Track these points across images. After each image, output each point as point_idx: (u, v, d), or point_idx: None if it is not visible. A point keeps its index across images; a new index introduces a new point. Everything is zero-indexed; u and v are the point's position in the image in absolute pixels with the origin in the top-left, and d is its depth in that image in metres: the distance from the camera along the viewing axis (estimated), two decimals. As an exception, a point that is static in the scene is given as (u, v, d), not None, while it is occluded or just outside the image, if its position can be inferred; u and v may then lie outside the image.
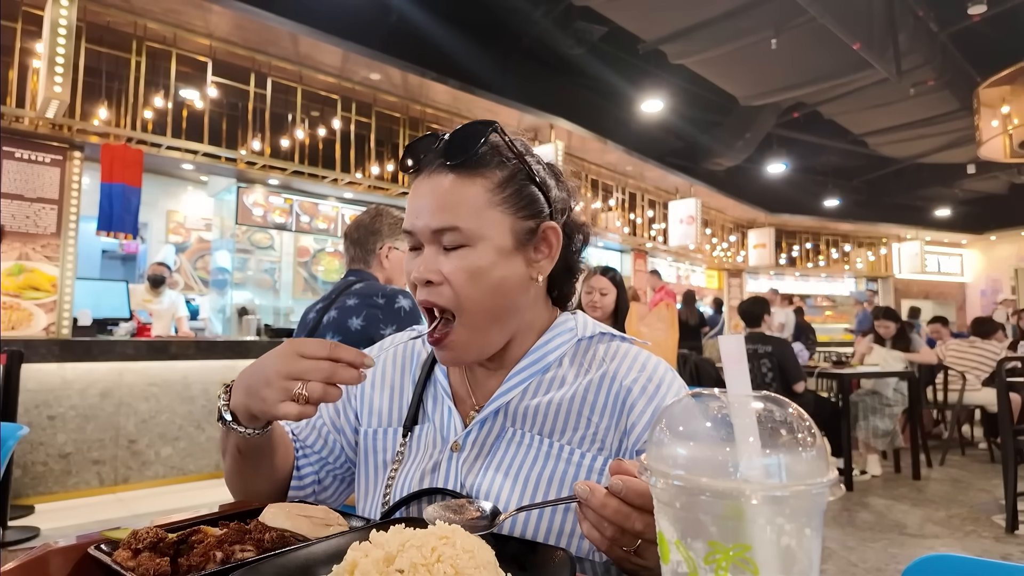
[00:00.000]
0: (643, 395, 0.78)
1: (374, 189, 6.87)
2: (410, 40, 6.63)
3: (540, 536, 0.73)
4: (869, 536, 3.38)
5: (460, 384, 0.85)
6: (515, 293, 0.77)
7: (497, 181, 0.76)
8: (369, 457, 0.88)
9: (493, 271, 0.74)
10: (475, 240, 0.74)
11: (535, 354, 0.81)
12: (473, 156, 0.74)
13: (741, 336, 0.42)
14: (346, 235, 2.08)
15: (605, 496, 0.57)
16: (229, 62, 5.72)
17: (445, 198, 0.74)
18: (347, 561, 0.52)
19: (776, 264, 12.83)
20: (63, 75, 4.31)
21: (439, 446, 0.81)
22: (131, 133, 5.16)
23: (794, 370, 4.28)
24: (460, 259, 0.74)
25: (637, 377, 0.79)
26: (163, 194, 6.67)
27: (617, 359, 0.81)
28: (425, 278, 0.74)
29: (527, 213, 0.78)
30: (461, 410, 0.82)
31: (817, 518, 0.37)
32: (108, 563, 0.59)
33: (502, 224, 0.75)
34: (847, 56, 7.04)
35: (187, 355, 4.11)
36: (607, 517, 0.57)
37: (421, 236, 0.76)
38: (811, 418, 0.39)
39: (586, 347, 0.84)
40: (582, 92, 9.29)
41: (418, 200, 0.77)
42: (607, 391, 0.79)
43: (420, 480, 0.80)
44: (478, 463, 0.78)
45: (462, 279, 0.73)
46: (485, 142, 0.75)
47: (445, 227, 0.74)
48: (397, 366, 0.92)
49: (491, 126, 0.76)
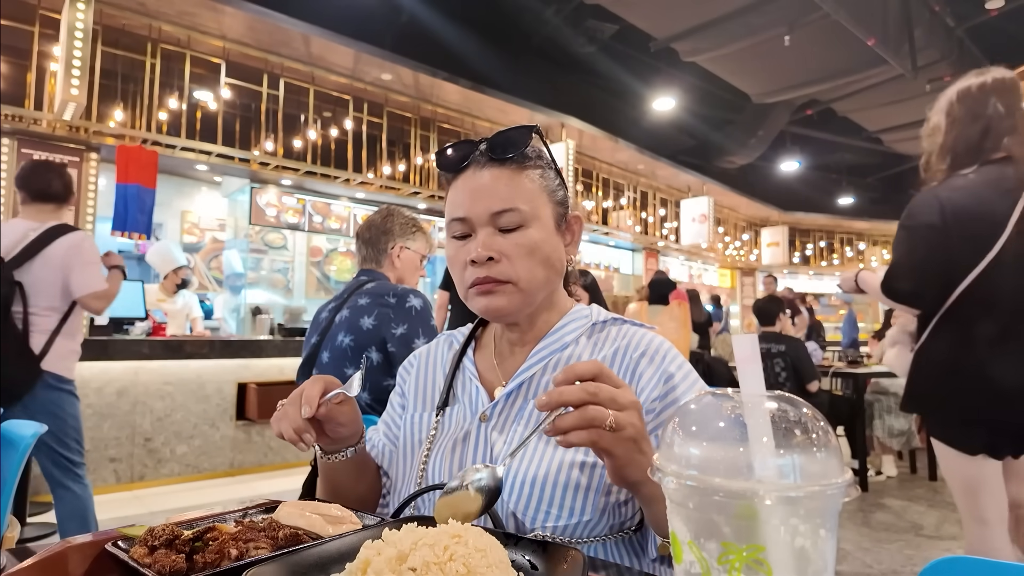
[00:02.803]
0: (650, 364, 0.85)
1: (386, 189, 6.90)
2: (421, 40, 6.66)
3: (547, 486, 0.78)
4: (885, 537, 3.35)
5: (487, 368, 0.94)
6: (557, 268, 0.89)
7: (539, 173, 0.88)
8: (407, 439, 0.95)
9: (544, 247, 0.85)
10: (530, 220, 0.84)
11: (556, 334, 0.90)
12: (521, 153, 0.86)
13: (755, 335, 0.41)
14: (358, 235, 2.09)
15: (558, 388, 0.62)
16: (242, 63, 5.77)
17: (501, 186, 0.84)
18: (360, 559, 0.52)
19: (790, 263, 12.74)
20: (80, 78, 4.37)
21: (469, 419, 0.89)
22: (146, 134, 5.22)
23: (808, 370, 4.24)
24: (519, 237, 0.84)
25: (645, 350, 0.87)
26: (177, 195, 6.73)
27: (627, 338, 0.90)
28: (487, 255, 0.82)
29: (559, 202, 0.90)
30: (488, 388, 0.91)
31: (832, 519, 0.37)
32: (125, 559, 0.60)
33: (547, 208, 0.87)
34: (862, 52, 6.97)
35: (202, 354, 4.15)
36: (571, 400, 0.60)
37: (477, 221, 0.84)
38: (826, 418, 0.39)
39: (600, 329, 0.92)
40: (593, 90, 9.27)
41: (470, 191, 0.86)
42: (619, 364, 0.86)
43: (452, 448, 0.87)
44: (504, 431, 0.85)
45: (522, 253, 0.83)
46: (529, 141, 0.87)
47: (506, 209, 0.83)
48: (431, 364, 1.01)
49: (533, 129, 0.87)
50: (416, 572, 0.48)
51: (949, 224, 1.74)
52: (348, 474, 0.90)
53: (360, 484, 0.93)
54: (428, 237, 2.15)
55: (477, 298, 0.86)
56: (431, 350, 1.03)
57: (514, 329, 0.92)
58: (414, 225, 2.09)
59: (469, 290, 0.86)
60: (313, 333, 1.97)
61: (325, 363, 1.87)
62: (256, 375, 4.43)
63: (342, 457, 0.86)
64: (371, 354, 1.83)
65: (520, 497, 0.78)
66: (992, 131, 1.76)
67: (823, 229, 13.39)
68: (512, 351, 0.93)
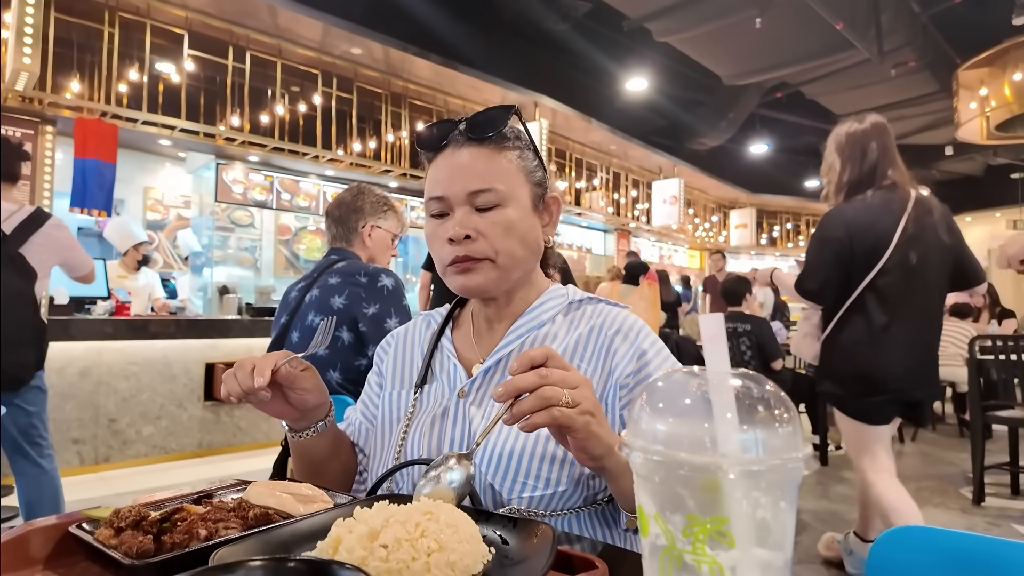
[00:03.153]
0: (624, 341, 0.88)
1: (356, 167, 6.78)
2: (392, 14, 6.50)
3: (524, 457, 0.80)
4: (843, 509, 3.47)
5: (465, 346, 0.95)
6: (533, 247, 0.90)
7: (517, 154, 0.89)
8: (385, 417, 0.96)
9: (520, 225, 0.87)
10: (507, 200, 0.86)
11: (533, 312, 0.92)
12: (499, 133, 0.87)
13: (721, 315, 0.42)
14: (327, 213, 2.06)
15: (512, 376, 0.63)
16: (206, 35, 5.58)
17: (479, 165, 0.86)
18: (331, 537, 0.52)
19: (757, 244, 12.95)
20: (32, 46, 4.18)
21: (448, 395, 0.90)
22: (105, 107, 5.03)
23: (773, 348, 4.34)
24: (495, 216, 0.85)
25: (619, 328, 0.89)
26: (140, 170, 6.53)
27: (602, 316, 0.92)
28: (464, 233, 0.84)
29: (537, 182, 0.91)
30: (465, 365, 0.92)
31: (792, 492, 0.38)
32: (90, 541, 0.59)
33: (524, 188, 0.89)
34: (830, 36, 7.05)
35: (168, 334, 4.06)
36: (526, 386, 0.62)
37: (455, 200, 0.86)
38: (788, 395, 0.40)
39: (576, 308, 0.94)
40: (567, 69, 9.20)
41: (449, 170, 0.87)
42: (595, 342, 0.89)
43: (431, 424, 0.88)
44: (482, 406, 0.87)
45: (498, 232, 0.85)
46: (508, 122, 0.88)
47: (482, 189, 0.85)
48: (408, 343, 1.02)
49: (512, 109, 0.88)
50: (388, 549, 0.49)
51: (852, 237, 2.19)
52: (321, 451, 0.90)
53: (334, 461, 0.93)
54: (400, 216, 2.13)
55: (455, 276, 0.87)
56: (409, 330, 1.05)
57: (491, 305, 0.93)
58: (385, 204, 2.07)
59: (447, 268, 0.87)
60: (283, 313, 1.94)
61: (295, 343, 1.85)
62: (224, 355, 4.35)
63: (312, 433, 0.87)
64: (342, 334, 1.81)
65: (497, 469, 0.80)
66: (878, 166, 2.24)
67: (789, 211, 13.63)
68: (490, 328, 0.94)
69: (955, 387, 5.54)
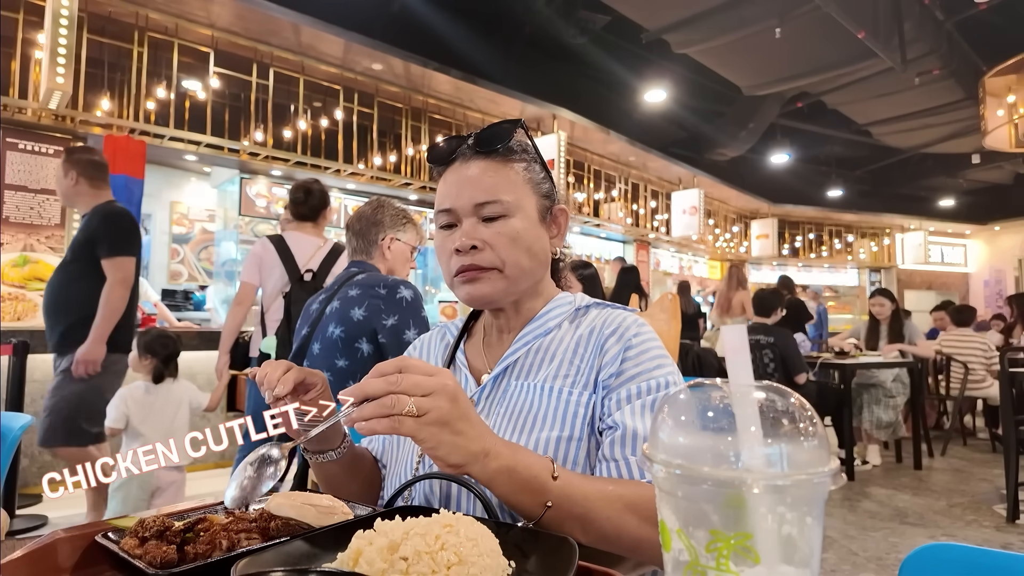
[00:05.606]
0: (617, 342, 0.88)
1: (376, 180, 6.86)
2: (412, 30, 6.59)
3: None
4: (870, 525, 3.39)
5: (476, 356, 0.97)
6: (540, 257, 0.91)
7: (524, 166, 0.91)
8: None
9: (526, 236, 0.88)
10: (513, 211, 0.87)
11: (539, 320, 0.93)
12: (506, 146, 0.89)
13: (744, 327, 0.42)
14: (348, 226, 2.08)
15: (363, 381, 0.63)
16: (231, 52, 5.70)
17: (486, 178, 0.87)
18: (352, 549, 0.52)
19: (779, 255, 12.80)
20: (65, 66, 4.30)
21: None
22: (134, 124, 5.16)
23: (796, 361, 4.27)
24: (501, 227, 0.86)
25: (616, 328, 0.89)
26: (166, 185, 6.66)
27: (604, 318, 0.92)
28: (470, 244, 0.85)
29: (544, 194, 0.92)
30: (475, 375, 0.94)
31: (818, 507, 0.38)
32: (115, 551, 0.60)
33: (531, 200, 0.90)
34: (852, 45, 6.99)
35: (193, 345, 4.11)
36: (373, 391, 0.62)
37: (462, 211, 0.87)
38: (813, 408, 0.39)
39: (583, 314, 0.95)
40: (585, 82, 9.24)
41: (457, 183, 0.89)
42: (592, 342, 0.89)
43: None
44: (491, 414, 0.88)
45: (504, 242, 0.86)
46: (514, 136, 0.89)
47: (488, 200, 0.86)
48: (424, 356, 1.05)
49: (519, 123, 0.90)
50: (408, 561, 0.49)
51: None
52: (338, 474, 0.91)
53: (353, 483, 0.93)
54: (418, 228, 2.15)
55: (462, 286, 0.88)
56: (425, 342, 1.07)
57: (500, 316, 0.95)
58: (404, 216, 2.09)
59: (454, 278, 0.89)
60: (304, 324, 1.96)
61: (316, 354, 1.87)
62: (246, 367, 4.39)
63: (326, 459, 0.87)
64: (362, 345, 1.82)
65: None
66: None
67: (812, 221, 13.45)
68: (500, 338, 0.96)
69: (986, 401, 5.40)
